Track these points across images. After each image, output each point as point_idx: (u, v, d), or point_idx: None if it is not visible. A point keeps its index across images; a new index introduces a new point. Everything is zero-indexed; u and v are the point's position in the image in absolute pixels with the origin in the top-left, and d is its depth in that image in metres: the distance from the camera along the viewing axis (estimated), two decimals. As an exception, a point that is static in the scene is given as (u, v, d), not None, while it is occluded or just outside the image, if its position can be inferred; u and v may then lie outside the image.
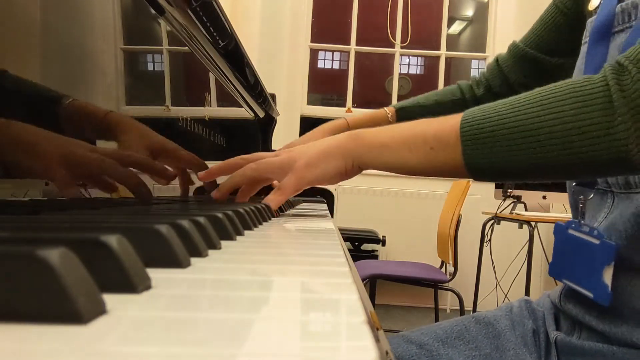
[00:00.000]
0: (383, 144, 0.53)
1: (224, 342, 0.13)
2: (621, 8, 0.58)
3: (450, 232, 2.31)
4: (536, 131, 0.45)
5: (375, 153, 0.54)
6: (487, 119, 0.47)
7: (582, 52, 0.64)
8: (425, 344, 0.67)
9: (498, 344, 0.67)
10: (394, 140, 0.53)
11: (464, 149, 0.48)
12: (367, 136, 0.54)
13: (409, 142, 0.52)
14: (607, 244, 0.55)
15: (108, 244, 0.18)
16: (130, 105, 0.63)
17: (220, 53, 0.91)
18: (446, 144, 0.49)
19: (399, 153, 0.52)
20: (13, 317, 0.14)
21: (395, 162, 0.53)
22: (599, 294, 0.55)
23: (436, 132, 0.50)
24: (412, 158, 0.51)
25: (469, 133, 0.48)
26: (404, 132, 0.53)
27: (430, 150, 0.50)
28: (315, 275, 0.24)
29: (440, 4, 3.56)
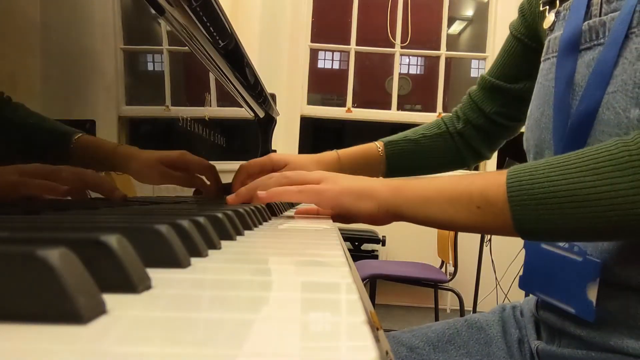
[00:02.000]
0: (425, 199, 0.53)
1: (224, 342, 0.13)
2: (588, 26, 0.58)
3: (450, 232, 2.31)
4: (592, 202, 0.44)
5: (416, 207, 0.53)
6: (537, 184, 0.47)
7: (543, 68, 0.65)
8: (416, 347, 0.67)
9: (489, 351, 0.67)
10: (436, 195, 0.52)
11: (514, 214, 0.47)
12: (408, 189, 0.54)
13: (452, 198, 0.51)
14: (592, 261, 0.55)
15: (108, 244, 0.18)
16: (130, 105, 0.63)
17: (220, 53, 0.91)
18: (493, 205, 0.49)
19: (442, 209, 0.51)
20: (13, 317, 0.14)
21: (437, 218, 0.52)
22: (582, 309, 0.55)
23: (482, 191, 0.49)
24: (456, 216, 0.51)
25: (517, 198, 0.47)
26: (446, 187, 0.52)
27: (477, 209, 0.50)
28: (316, 275, 0.24)
29: (440, 4, 3.56)
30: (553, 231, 0.46)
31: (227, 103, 1.14)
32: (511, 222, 0.47)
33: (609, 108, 0.53)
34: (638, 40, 0.51)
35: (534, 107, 0.65)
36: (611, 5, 0.56)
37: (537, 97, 0.65)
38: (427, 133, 0.88)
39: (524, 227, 0.47)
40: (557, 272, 0.59)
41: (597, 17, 0.57)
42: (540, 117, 0.63)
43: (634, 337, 0.53)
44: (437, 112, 3.48)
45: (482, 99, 0.85)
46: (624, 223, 0.43)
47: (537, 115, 0.63)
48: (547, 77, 0.64)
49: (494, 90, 0.83)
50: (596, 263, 0.54)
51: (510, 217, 0.47)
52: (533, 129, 0.64)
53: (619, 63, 0.52)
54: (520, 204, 0.47)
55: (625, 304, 0.53)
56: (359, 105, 3.58)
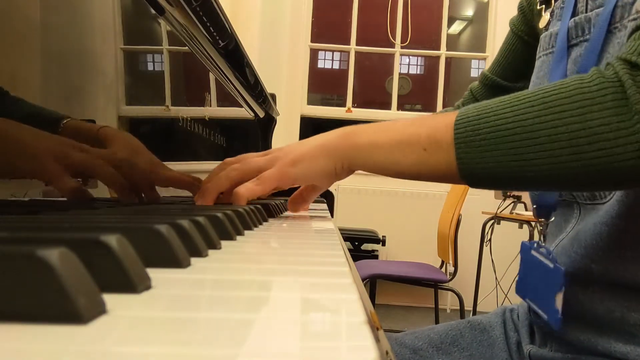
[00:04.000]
0: (374, 144, 0.49)
1: (224, 342, 0.13)
2: (574, 22, 0.58)
3: (450, 232, 2.31)
4: (537, 132, 0.41)
5: (366, 154, 0.50)
6: (483, 119, 0.43)
7: (536, 66, 0.66)
8: (419, 349, 0.67)
9: (492, 353, 0.67)
10: (386, 140, 0.49)
11: (458, 153, 0.44)
12: (359, 135, 0.51)
13: (401, 141, 0.48)
14: (558, 268, 0.53)
15: (108, 244, 0.18)
16: (130, 105, 0.63)
17: (220, 53, 0.91)
18: (439, 145, 0.45)
19: (391, 154, 0.48)
20: (13, 317, 0.14)
21: (385, 164, 0.49)
22: (551, 316, 0.54)
23: (430, 131, 0.46)
24: (403, 160, 0.48)
25: (463, 135, 0.44)
26: (399, 130, 0.49)
27: (423, 152, 0.46)
28: (315, 275, 0.24)
29: (440, 4, 3.56)
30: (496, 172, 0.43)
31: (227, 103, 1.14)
32: (455, 163, 0.44)
33: None
34: (620, 35, 0.51)
35: None
36: (596, 2, 0.56)
37: None
38: None
39: (468, 167, 0.44)
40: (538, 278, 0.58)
41: (583, 13, 0.58)
42: None
43: (621, 341, 0.53)
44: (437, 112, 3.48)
45: (483, 95, 0.85)
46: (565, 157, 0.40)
47: None
48: (538, 74, 0.64)
49: (495, 88, 0.83)
50: (561, 270, 0.53)
51: (455, 157, 0.44)
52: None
53: (603, 58, 0.53)
54: (465, 140, 0.44)
55: (611, 308, 0.53)
56: (359, 105, 3.58)
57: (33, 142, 0.42)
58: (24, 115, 0.42)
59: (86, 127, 0.53)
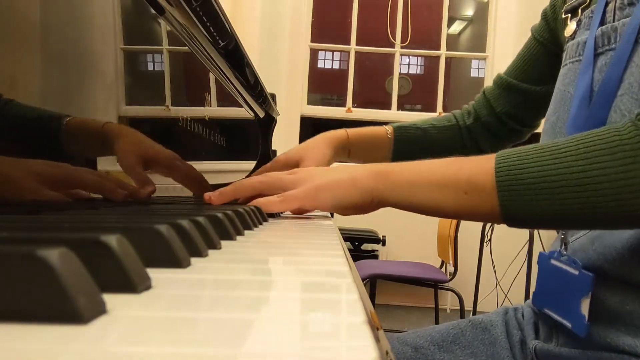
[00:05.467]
0: (411, 184, 0.51)
1: (224, 342, 0.13)
2: (601, 31, 0.59)
3: (450, 232, 2.31)
4: (582, 187, 0.43)
5: (402, 192, 0.51)
6: (526, 169, 0.45)
7: (561, 74, 0.66)
8: (421, 347, 0.67)
9: (494, 351, 0.67)
10: (422, 180, 0.50)
11: (501, 199, 0.46)
12: (393, 174, 0.52)
13: (440, 184, 0.50)
14: (585, 274, 0.54)
15: (108, 244, 0.18)
16: (130, 105, 0.63)
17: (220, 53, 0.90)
18: (481, 190, 0.47)
19: (429, 195, 0.50)
20: (13, 317, 0.14)
21: (423, 204, 0.50)
22: (576, 324, 0.54)
23: (470, 176, 0.48)
24: (443, 201, 0.49)
25: (505, 183, 0.46)
26: (434, 171, 0.51)
27: (464, 195, 0.48)
28: (315, 275, 0.24)
29: (440, 4, 3.56)
30: (539, 217, 0.45)
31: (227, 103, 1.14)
32: (498, 208, 0.46)
33: (616, 111, 0.53)
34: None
35: (551, 111, 0.66)
36: (624, 12, 0.57)
37: (554, 101, 0.66)
38: (437, 124, 0.88)
39: (511, 213, 0.46)
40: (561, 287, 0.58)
41: (610, 23, 0.58)
42: (555, 122, 0.64)
43: (630, 335, 0.53)
44: (437, 112, 3.48)
45: (496, 97, 0.85)
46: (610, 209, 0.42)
47: (553, 119, 0.64)
48: (563, 82, 0.65)
49: (509, 89, 0.83)
50: (589, 277, 0.54)
51: (498, 203, 0.46)
52: (549, 132, 0.65)
53: (628, 67, 0.53)
54: (508, 189, 0.46)
55: (622, 301, 0.53)
56: (359, 105, 3.58)
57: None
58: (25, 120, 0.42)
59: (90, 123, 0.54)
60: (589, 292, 0.54)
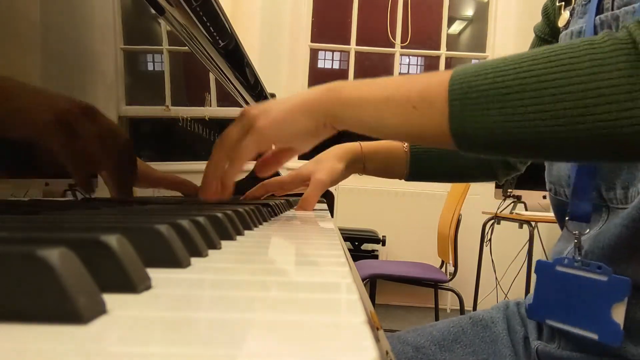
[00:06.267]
0: (361, 99, 0.46)
1: (224, 342, 0.13)
2: (600, 20, 0.57)
3: (450, 232, 2.31)
4: (541, 92, 0.38)
5: (351, 110, 0.46)
6: (482, 75, 0.40)
7: None
8: (422, 347, 0.67)
9: (495, 349, 0.66)
10: (373, 96, 0.45)
11: (451, 110, 0.40)
12: (345, 90, 0.47)
13: (390, 98, 0.44)
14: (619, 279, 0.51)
15: (108, 244, 0.18)
16: (130, 105, 0.63)
17: (220, 53, 0.90)
18: (431, 102, 0.42)
19: (378, 112, 0.45)
20: (13, 317, 0.14)
21: (371, 122, 0.45)
22: (606, 334, 0.51)
23: (422, 88, 0.43)
24: (391, 118, 0.44)
25: (458, 91, 0.40)
26: (389, 86, 0.45)
27: (413, 109, 0.43)
28: (316, 275, 0.24)
29: (440, 4, 3.56)
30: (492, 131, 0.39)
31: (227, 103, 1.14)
32: (447, 122, 0.41)
33: None
34: None
35: None
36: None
37: None
38: None
39: (461, 126, 0.40)
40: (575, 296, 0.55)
41: (609, 11, 0.56)
42: None
43: (632, 342, 0.52)
44: (437, 112, 3.47)
45: None
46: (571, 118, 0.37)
47: None
48: None
49: None
50: (625, 281, 0.51)
51: (448, 116, 0.41)
52: None
53: None
54: (460, 97, 0.40)
55: (626, 308, 0.53)
56: (359, 105, 3.57)
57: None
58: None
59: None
60: (625, 298, 0.50)
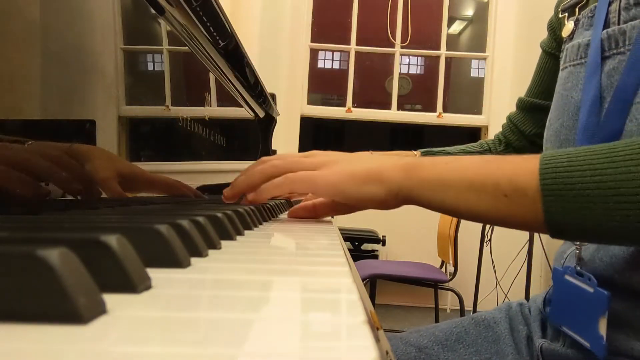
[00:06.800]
0: (443, 182, 0.45)
1: (224, 342, 0.13)
2: (607, 34, 0.56)
3: (450, 232, 2.31)
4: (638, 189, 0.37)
5: (432, 191, 0.46)
6: (576, 171, 0.39)
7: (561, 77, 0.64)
8: (425, 347, 0.67)
9: (498, 348, 0.66)
10: (456, 179, 0.45)
11: (546, 205, 0.40)
12: (423, 169, 0.46)
13: (474, 183, 0.44)
14: (600, 292, 0.51)
15: (108, 244, 0.18)
16: (130, 105, 0.63)
17: (220, 53, 0.90)
18: (523, 194, 0.41)
19: (463, 196, 0.44)
20: (13, 317, 0.14)
21: (455, 205, 0.45)
22: (594, 344, 0.52)
23: (511, 177, 0.42)
24: (478, 204, 0.44)
25: (552, 187, 0.40)
26: (469, 169, 0.45)
27: (504, 198, 0.42)
28: (316, 275, 0.24)
29: (440, 4, 3.56)
30: (590, 229, 0.39)
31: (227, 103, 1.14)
32: (542, 215, 0.40)
33: (632, 120, 0.50)
34: None
35: (553, 117, 0.63)
36: (630, 13, 0.55)
37: (556, 107, 0.63)
38: (468, 149, 0.86)
39: (557, 221, 0.40)
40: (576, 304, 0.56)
41: (615, 25, 0.56)
42: (560, 128, 0.61)
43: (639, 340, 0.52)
44: (437, 112, 3.48)
45: (522, 121, 0.83)
46: None
47: (556, 126, 0.62)
48: (564, 86, 0.62)
49: (533, 110, 0.81)
50: (605, 295, 0.51)
51: (542, 209, 0.40)
52: (552, 140, 0.62)
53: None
54: (555, 193, 0.40)
55: (633, 306, 0.53)
56: (359, 105, 3.58)
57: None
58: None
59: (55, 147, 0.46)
60: (606, 311, 0.50)
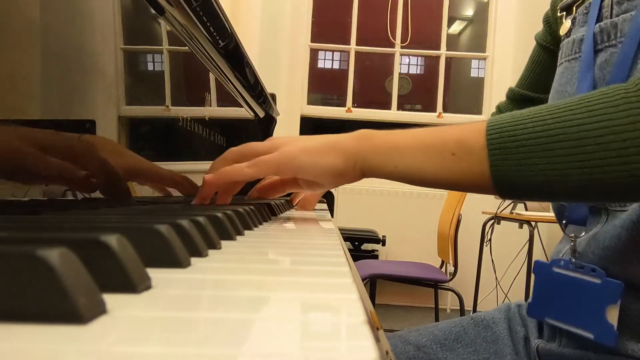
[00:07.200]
0: (395, 147, 0.46)
1: (224, 342, 0.13)
2: (599, 28, 0.57)
3: (450, 232, 2.31)
4: (583, 141, 0.38)
5: (384, 156, 0.47)
6: (520, 125, 0.41)
7: (557, 73, 0.65)
8: (424, 346, 0.67)
9: (496, 348, 0.67)
10: (409, 143, 0.46)
11: (492, 159, 0.41)
12: (377, 138, 0.48)
13: (427, 145, 0.45)
14: (611, 282, 0.52)
15: (108, 244, 0.18)
16: (130, 105, 0.63)
17: (220, 53, 0.90)
18: (469, 150, 0.43)
19: (413, 158, 0.45)
20: (13, 317, 0.14)
21: (406, 169, 0.46)
22: (601, 334, 0.52)
23: (459, 137, 0.44)
24: (428, 165, 0.45)
25: (497, 140, 0.41)
26: (421, 134, 0.46)
27: (451, 156, 0.43)
28: (316, 275, 0.24)
29: (440, 4, 3.56)
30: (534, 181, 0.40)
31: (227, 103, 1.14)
32: (488, 171, 0.42)
33: None
34: None
35: None
36: (622, 7, 0.56)
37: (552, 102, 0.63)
38: None
39: (503, 175, 0.41)
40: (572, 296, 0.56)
41: (608, 19, 0.57)
42: None
43: (635, 339, 0.52)
44: (437, 112, 3.48)
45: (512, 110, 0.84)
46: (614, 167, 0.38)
47: None
48: (560, 81, 0.64)
49: (523, 101, 0.82)
50: (617, 284, 0.52)
51: (488, 164, 0.42)
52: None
53: (634, 67, 0.52)
54: (499, 146, 0.41)
55: (627, 306, 0.53)
56: (359, 105, 3.58)
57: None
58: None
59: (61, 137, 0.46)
60: (618, 301, 0.51)
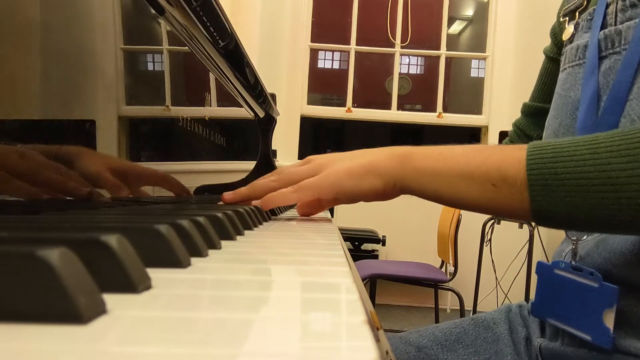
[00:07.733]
0: (434, 171, 0.48)
1: (224, 342, 0.13)
2: (604, 35, 0.58)
3: (450, 232, 2.31)
4: (625, 187, 0.39)
5: (424, 180, 0.48)
6: (560, 162, 0.42)
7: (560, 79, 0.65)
8: (424, 347, 0.67)
9: (497, 349, 0.67)
10: (448, 168, 0.47)
11: (532, 194, 0.42)
12: (416, 159, 0.49)
13: (465, 173, 0.46)
14: (608, 287, 0.52)
15: (108, 244, 0.18)
16: (130, 105, 0.63)
17: (220, 53, 0.90)
18: (510, 183, 0.44)
19: (454, 185, 0.46)
20: (13, 317, 0.14)
21: (446, 194, 0.47)
22: (598, 337, 0.53)
23: (499, 167, 0.44)
24: (468, 193, 0.46)
25: (538, 177, 0.42)
26: (462, 161, 0.47)
27: (492, 187, 0.45)
28: (315, 275, 0.24)
29: (440, 4, 3.56)
30: (573, 216, 0.42)
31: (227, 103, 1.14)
32: (528, 203, 0.43)
33: (625, 116, 0.52)
34: None
35: (552, 117, 0.65)
36: (626, 14, 0.56)
37: (555, 107, 0.64)
38: None
39: (542, 209, 0.43)
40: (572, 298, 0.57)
41: (612, 26, 0.57)
42: (558, 128, 0.62)
43: (637, 337, 0.52)
44: (437, 112, 3.48)
45: (527, 126, 0.84)
46: None
47: (555, 125, 0.63)
48: (563, 86, 0.64)
49: (537, 114, 0.82)
50: (613, 289, 0.52)
51: (528, 198, 0.43)
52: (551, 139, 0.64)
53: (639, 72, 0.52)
54: (541, 183, 0.42)
55: (631, 304, 0.53)
56: (359, 105, 3.58)
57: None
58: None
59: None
60: (614, 305, 0.52)
